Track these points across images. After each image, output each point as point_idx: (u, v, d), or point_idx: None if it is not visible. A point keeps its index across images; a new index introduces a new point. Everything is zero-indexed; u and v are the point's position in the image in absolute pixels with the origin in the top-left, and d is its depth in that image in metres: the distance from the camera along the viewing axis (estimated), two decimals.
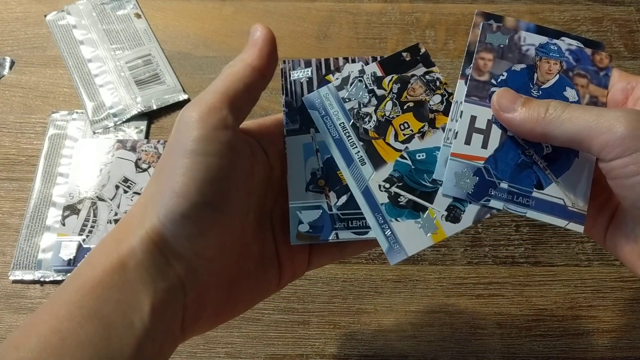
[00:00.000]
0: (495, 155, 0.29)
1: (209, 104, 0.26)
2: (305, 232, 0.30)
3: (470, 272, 0.46)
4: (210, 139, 0.25)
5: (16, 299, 0.45)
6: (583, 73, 0.31)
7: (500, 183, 0.29)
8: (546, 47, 0.31)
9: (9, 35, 0.58)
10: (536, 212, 0.29)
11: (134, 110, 0.53)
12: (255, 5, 0.61)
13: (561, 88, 0.30)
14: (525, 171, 0.29)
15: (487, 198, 0.29)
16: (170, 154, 0.26)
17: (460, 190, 0.29)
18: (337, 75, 0.33)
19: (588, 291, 0.45)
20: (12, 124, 0.53)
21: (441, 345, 0.43)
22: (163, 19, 0.60)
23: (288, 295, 0.45)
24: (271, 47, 0.29)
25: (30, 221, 0.48)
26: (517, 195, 0.29)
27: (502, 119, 0.29)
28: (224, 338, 0.43)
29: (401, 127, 0.32)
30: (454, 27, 0.59)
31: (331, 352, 0.43)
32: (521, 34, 0.32)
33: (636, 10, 0.60)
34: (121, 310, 0.23)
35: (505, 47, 0.31)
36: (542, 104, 0.27)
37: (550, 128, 0.27)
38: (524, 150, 0.30)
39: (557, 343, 0.43)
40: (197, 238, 0.25)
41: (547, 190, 0.29)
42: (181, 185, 0.24)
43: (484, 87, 0.30)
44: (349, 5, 0.61)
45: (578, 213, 0.29)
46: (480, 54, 0.31)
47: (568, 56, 0.31)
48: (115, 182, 0.49)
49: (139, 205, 0.26)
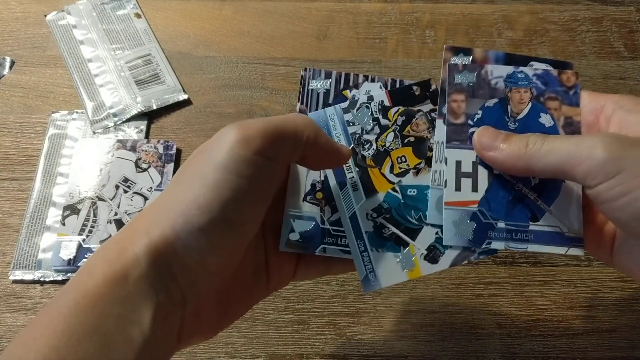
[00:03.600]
0: (487, 195, 0.30)
1: (260, 129, 0.25)
2: (295, 241, 0.31)
3: (470, 272, 0.46)
4: (247, 162, 0.25)
5: (16, 299, 0.45)
6: (554, 95, 0.31)
7: (497, 223, 0.29)
8: (514, 76, 0.31)
9: (9, 35, 0.58)
10: (536, 245, 0.29)
11: (134, 110, 0.53)
12: (255, 5, 0.61)
13: (536, 115, 0.31)
14: (518, 206, 0.30)
15: (488, 241, 0.29)
16: (200, 164, 0.25)
17: (461, 238, 0.29)
18: (354, 92, 0.34)
19: (588, 291, 0.45)
20: (12, 124, 0.53)
21: (441, 345, 0.43)
22: (163, 19, 0.60)
23: (288, 295, 0.45)
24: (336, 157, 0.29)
25: (30, 221, 0.48)
26: (515, 232, 0.29)
27: (485, 158, 0.29)
28: (224, 338, 0.43)
29: (398, 160, 0.32)
30: (454, 27, 0.59)
31: (331, 352, 0.43)
32: (487, 67, 0.32)
33: (636, 10, 0.60)
34: (121, 326, 0.23)
35: (475, 85, 0.31)
36: (521, 139, 0.28)
37: (532, 162, 0.27)
38: (512, 186, 0.30)
39: (557, 343, 0.43)
40: (207, 253, 0.25)
41: (542, 220, 0.29)
42: (206, 200, 0.24)
43: (462, 130, 0.31)
44: (349, 5, 0.61)
45: (575, 237, 0.29)
46: (452, 96, 0.31)
47: (536, 81, 0.31)
48: (115, 182, 0.49)
49: (146, 212, 0.26)
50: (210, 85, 0.56)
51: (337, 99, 0.33)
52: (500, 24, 0.59)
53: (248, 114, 0.53)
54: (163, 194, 0.26)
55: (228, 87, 0.56)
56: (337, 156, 0.30)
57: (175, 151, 0.50)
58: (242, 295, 0.30)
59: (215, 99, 0.55)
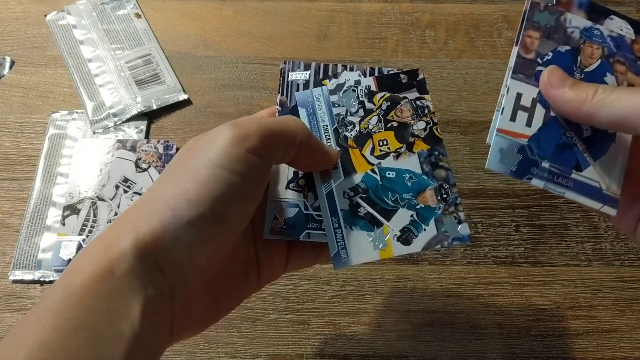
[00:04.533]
0: (539, 134, 0.30)
1: (253, 128, 0.26)
2: (279, 228, 0.31)
3: (470, 272, 0.46)
4: (240, 159, 0.25)
5: (16, 298, 0.45)
6: (622, 60, 0.31)
7: (542, 162, 0.30)
8: (590, 31, 0.32)
9: (9, 35, 0.58)
10: (574, 194, 0.29)
11: (134, 110, 0.53)
12: (255, 5, 0.61)
13: (602, 73, 0.31)
14: (565, 152, 0.30)
15: (529, 176, 0.29)
16: (192, 159, 0.25)
17: (504, 166, 0.29)
18: (334, 81, 0.34)
19: (588, 291, 0.45)
20: (12, 124, 0.53)
21: (441, 345, 0.43)
22: (163, 19, 0.60)
23: (288, 295, 0.45)
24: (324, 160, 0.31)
25: (30, 221, 0.48)
26: (557, 175, 0.30)
27: (549, 95, 0.29)
28: (224, 338, 0.43)
29: (380, 142, 0.32)
30: (454, 27, 0.59)
31: (331, 352, 0.43)
32: (567, 15, 0.32)
33: (636, 10, 0.60)
34: (110, 320, 0.23)
35: (552, 27, 0.32)
36: (590, 87, 0.28)
37: (596, 109, 0.27)
38: (565, 132, 0.30)
39: (557, 343, 0.43)
40: (196, 247, 0.25)
41: (585, 172, 0.30)
42: (196, 195, 0.24)
43: (530, 66, 0.31)
44: (349, 5, 0.61)
45: (612, 197, 0.30)
46: (528, 31, 0.31)
47: (609, 42, 0.32)
48: (115, 182, 0.49)
49: (136, 208, 0.26)
50: (210, 85, 0.56)
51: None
52: (500, 23, 0.59)
53: (248, 114, 0.53)
54: (149, 191, 0.26)
55: (228, 87, 0.56)
56: (326, 159, 0.31)
57: (175, 151, 0.50)
58: (232, 289, 0.30)
59: (215, 99, 0.55)
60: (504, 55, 0.57)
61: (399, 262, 0.46)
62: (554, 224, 0.48)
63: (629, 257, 0.46)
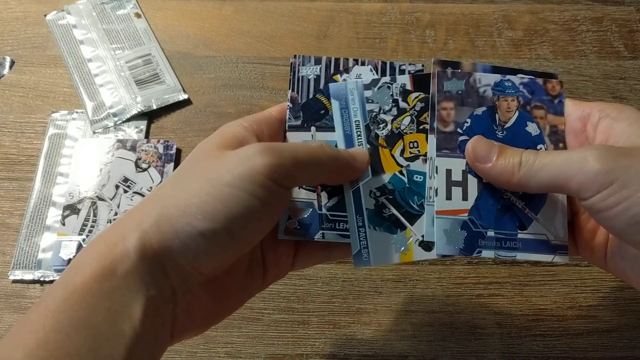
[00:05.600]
0: (477, 204, 0.30)
1: (284, 157, 0.25)
2: (293, 229, 0.31)
3: (470, 272, 0.46)
4: (265, 186, 0.25)
5: (16, 298, 0.45)
6: (539, 104, 0.31)
7: (487, 232, 0.30)
8: (501, 84, 0.32)
9: (9, 34, 0.58)
10: (524, 253, 0.30)
11: (134, 110, 0.53)
12: (255, 5, 0.61)
13: (523, 124, 0.31)
14: (507, 215, 0.30)
15: (479, 250, 0.30)
16: (212, 171, 0.25)
17: (452, 247, 0.30)
18: (345, 76, 0.34)
19: (588, 291, 0.45)
20: (12, 124, 0.53)
21: (441, 345, 0.43)
22: (163, 19, 0.60)
23: (288, 295, 0.45)
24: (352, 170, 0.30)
25: (30, 221, 0.48)
26: (505, 240, 0.30)
27: (478, 170, 0.30)
28: (224, 338, 0.43)
29: (410, 144, 0.32)
30: (454, 27, 0.59)
31: (331, 352, 0.43)
32: (475, 75, 0.32)
33: (636, 10, 0.60)
34: (111, 319, 0.23)
35: (464, 93, 0.32)
36: (515, 155, 0.28)
37: (525, 180, 0.27)
38: (501, 194, 0.30)
39: (557, 343, 0.43)
40: (203, 256, 0.25)
41: (530, 228, 0.30)
42: (213, 210, 0.24)
43: (451, 138, 0.31)
44: (349, 5, 0.61)
45: (560, 245, 0.30)
46: (442, 104, 0.31)
47: (523, 90, 0.32)
48: (115, 182, 0.49)
49: (142, 207, 0.25)
50: (210, 85, 0.56)
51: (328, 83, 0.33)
52: (501, 23, 0.59)
53: (248, 114, 0.53)
54: (158, 190, 0.26)
55: (228, 87, 0.56)
56: (353, 174, 0.30)
57: (175, 151, 0.50)
58: (236, 290, 0.30)
59: (215, 98, 0.55)
60: (504, 55, 0.57)
61: (399, 262, 0.46)
62: None
63: None
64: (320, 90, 0.33)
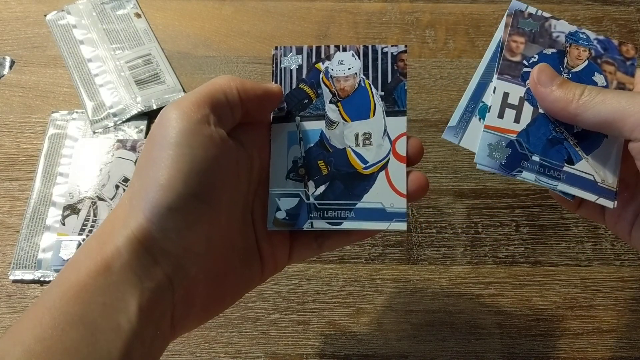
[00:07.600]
0: (527, 129, 0.30)
1: (193, 101, 0.26)
2: (282, 219, 0.31)
3: (470, 272, 0.46)
4: (194, 132, 0.25)
5: (16, 298, 0.45)
6: (611, 61, 0.31)
7: (532, 156, 0.29)
8: (575, 35, 0.32)
9: (9, 34, 0.58)
10: (567, 185, 0.29)
11: (134, 110, 0.53)
12: (255, 5, 0.61)
13: (590, 73, 0.31)
14: (556, 146, 0.30)
15: (520, 169, 0.29)
16: (153, 149, 0.26)
17: (493, 160, 0.29)
18: (327, 64, 0.33)
19: (588, 291, 0.45)
20: (12, 124, 0.53)
21: (441, 345, 0.43)
22: (163, 19, 0.60)
23: (288, 295, 0.45)
24: (268, 97, 0.30)
25: (30, 221, 0.48)
26: (549, 168, 0.29)
27: (537, 93, 0.29)
28: (224, 338, 0.43)
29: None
30: (454, 27, 0.59)
31: (331, 352, 0.43)
32: (552, 21, 0.32)
33: (636, 10, 0.60)
34: (107, 314, 0.23)
35: (537, 32, 0.32)
36: (578, 87, 0.28)
37: (582, 109, 0.27)
38: (554, 127, 0.30)
39: (557, 343, 0.43)
40: (185, 231, 0.25)
41: (578, 165, 0.29)
42: (167, 177, 0.24)
43: (516, 67, 0.31)
44: (349, 5, 0.61)
45: (608, 189, 0.29)
46: (513, 37, 0.32)
47: (596, 45, 0.32)
48: (115, 182, 0.49)
49: (121, 206, 0.26)
50: None
51: (310, 73, 0.33)
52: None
53: None
54: (129, 188, 0.27)
55: None
56: (271, 94, 0.31)
57: None
58: (233, 277, 0.30)
59: None
60: None
61: (399, 262, 0.46)
62: (554, 224, 0.48)
63: (629, 257, 0.46)
64: (303, 80, 0.33)
